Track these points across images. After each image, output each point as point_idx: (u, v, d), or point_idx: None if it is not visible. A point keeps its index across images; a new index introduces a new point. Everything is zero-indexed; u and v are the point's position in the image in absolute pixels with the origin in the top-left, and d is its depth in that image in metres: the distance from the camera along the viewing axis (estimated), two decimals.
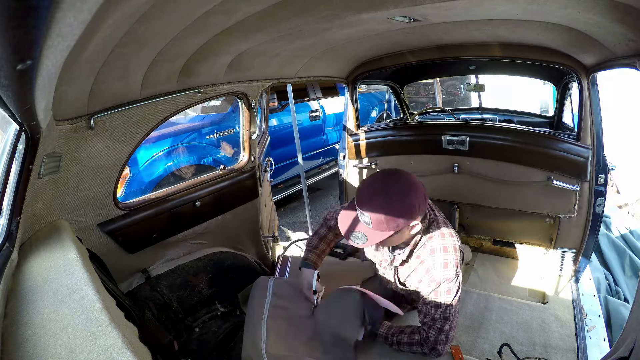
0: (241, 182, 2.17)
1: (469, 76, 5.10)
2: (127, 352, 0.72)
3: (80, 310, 0.83)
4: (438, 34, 1.88)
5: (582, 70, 1.93)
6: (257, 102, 2.12)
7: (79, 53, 0.80)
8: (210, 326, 1.77)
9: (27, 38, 0.48)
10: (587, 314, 1.92)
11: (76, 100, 1.17)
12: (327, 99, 5.42)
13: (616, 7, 1.02)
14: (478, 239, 2.68)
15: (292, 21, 1.28)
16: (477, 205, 2.52)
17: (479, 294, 2.10)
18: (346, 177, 2.93)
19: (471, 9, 1.34)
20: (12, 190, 1.02)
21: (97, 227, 1.50)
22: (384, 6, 1.20)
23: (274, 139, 4.17)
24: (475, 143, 2.35)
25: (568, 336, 1.74)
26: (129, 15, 0.85)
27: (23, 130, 0.93)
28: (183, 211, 1.86)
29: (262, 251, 2.42)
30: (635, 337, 0.93)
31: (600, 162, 2.04)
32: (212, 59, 1.51)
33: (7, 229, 1.04)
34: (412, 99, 7.78)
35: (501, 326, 1.82)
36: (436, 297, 1.34)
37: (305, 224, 3.90)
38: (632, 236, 3.52)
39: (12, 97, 0.66)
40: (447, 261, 1.34)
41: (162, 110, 1.56)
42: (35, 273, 0.98)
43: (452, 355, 1.48)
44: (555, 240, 2.29)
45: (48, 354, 0.73)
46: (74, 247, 1.11)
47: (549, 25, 1.49)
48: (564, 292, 2.14)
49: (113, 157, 1.45)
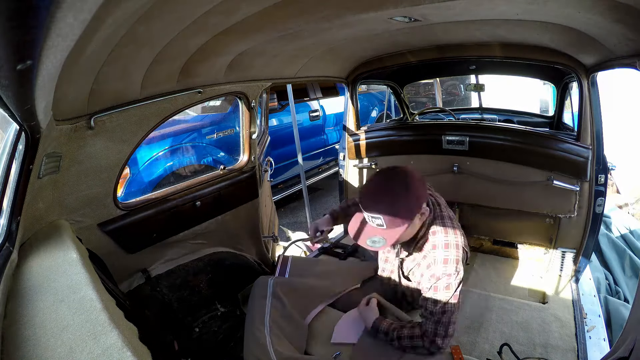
0: (241, 182, 2.17)
1: (469, 76, 5.10)
2: (127, 352, 0.72)
3: (80, 310, 0.83)
4: (438, 34, 1.88)
5: (582, 70, 1.93)
6: (257, 102, 2.12)
7: (79, 53, 0.80)
8: (210, 326, 1.77)
9: (27, 38, 0.48)
10: (587, 314, 1.92)
11: (76, 100, 1.17)
12: (327, 99, 5.42)
13: (616, 7, 1.02)
14: (478, 239, 2.68)
15: (292, 21, 1.28)
16: (477, 205, 2.52)
17: (479, 294, 2.10)
18: (346, 177, 2.93)
19: (471, 9, 1.34)
20: (12, 190, 1.02)
21: (97, 227, 1.50)
22: (384, 6, 1.20)
23: (274, 139, 4.17)
24: (475, 143, 2.35)
25: (568, 336, 1.74)
26: (129, 15, 0.85)
27: (23, 130, 0.93)
28: (183, 211, 1.86)
29: (262, 251, 2.42)
30: (635, 337, 0.93)
31: (600, 162, 2.04)
32: (212, 59, 1.51)
33: (7, 229, 1.04)
34: (412, 99, 7.78)
35: (501, 326, 1.82)
36: (435, 292, 1.36)
37: (305, 224, 3.90)
38: (632, 236, 3.52)
39: (12, 97, 0.66)
40: (448, 257, 1.36)
41: (162, 110, 1.56)
42: (35, 273, 0.98)
43: (452, 355, 1.48)
44: (555, 240, 2.29)
45: (48, 354, 0.73)
46: (74, 247, 1.11)
47: (549, 25, 1.49)
48: (564, 292, 2.14)
49: (113, 157, 1.45)
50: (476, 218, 2.59)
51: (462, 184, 2.46)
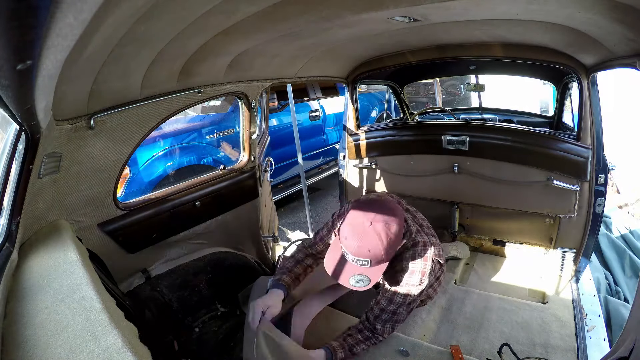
0: (241, 182, 2.17)
1: (469, 76, 5.10)
2: (127, 352, 0.72)
3: (80, 310, 0.83)
4: (438, 34, 1.88)
5: (582, 70, 1.93)
6: (257, 102, 2.12)
7: (79, 53, 0.80)
8: (210, 326, 1.77)
9: (27, 38, 0.48)
10: (587, 314, 1.92)
11: (76, 100, 1.17)
12: (327, 99, 5.42)
13: (616, 7, 1.02)
14: (478, 239, 2.69)
15: (292, 21, 1.28)
16: (477, 205, 2.52)
17: (479, 294, 2.10)
18: (346, 177, 2.93)
19: (471, 9, 1.34)
20: (12, 190, 1.02)
21: (97, 227, 1.50)
22: (384, 6, 1.20)
23: (274, 139, 4.17)
24: (475, 143, 2.35)
25: (568, 336, 1.74)
26: (129, 15, 0.85)
27: (23, 130, 0.93)
28: (183, 211, 1.86)
29: (262, 251, 2.42)
30: (635, 337, 0.93)
31: (600, 162, 2.04)
32: (212, 59, 1.51)
33: (7, 229, 1.04)
34: (412, 99, 7.77)
35: (501, 326, 1.82)
36: (394, 295, 1.46)
37: (305, 224, 3.90)
38: (632, 236, 3.52)
39: (12, 97, 0.66)
40: (415, 269, 1.46)
41: (162, 110, 1.56)
42: (35, 273, 0.98)
43: (452, 355, 1.49)
44: (555, 240, 2.29)
45: (48, 354, 0.73)
46: (74, 247, 1.11)
47: (549, 25, 1.49)
48: (564, 292, 2.14)
49: (113, 157, 1.45)
50: (476, 218, 2.59)
51: (462, 184, 2.46)
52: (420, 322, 1.81)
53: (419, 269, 1.45)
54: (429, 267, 1.46)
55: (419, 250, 1.48)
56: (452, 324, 1.85)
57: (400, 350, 1.52)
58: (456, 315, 1.90)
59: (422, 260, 1.46)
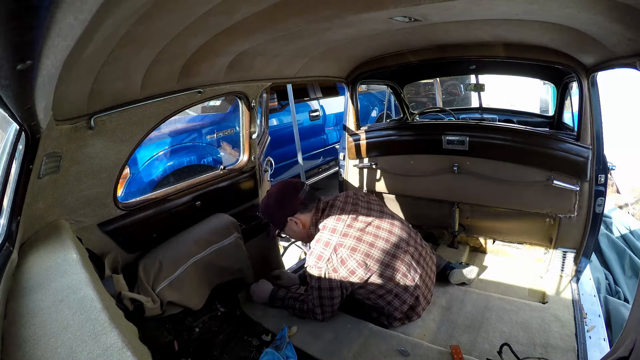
0: (241, 182, 2.17)
1: (469, 76, 5.10)
2: (127, 352, 0.72)
3: (80, 310, 0.83)
4: (438, 34, 1.88)
5: (582, 70, 1.93)
6: (257, 102, 2.12)
7: (79, 53, 0.79)
8: (210, 326, 1.77)
9: (27, 38, 0.48)
10: (587, 314, 1.91)
11: (76, 100, 1.17)
12: (327, 99, 5.42)
13: (616, 7, 1.02)
14: (478, 239, 2.69)
15: (292, 21, 1.28)
16: (477, 205, 2.52)
17: (479, 294, 2.10)
18: (346, 177, 2.93)
19: (471, 9, 1.33)
20: (12, 190, 1.02)
21: (97, 227, 1.50)
22: (384, 6, 1.20)
23: (274, 139, 4.16)
24: (475, 143, 2.35)
25: (568, 336, 1.73)
26: (129, 15, 0.84)
27: (23, 130, 0.93)
28: (183, 211, 1.86)
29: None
30: (635, 337, 0.93)
31: (600, 162, 2.03)
32: (212, 59, 1.51)
33: (7, 229, 1.04)
34: (412, 99, 7.77)
35: (501, 326, 1.82)
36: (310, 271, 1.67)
37: None
38: (632, 236, 3.52)
39: (12, 97, 0.66)
40: (313, 251, 1.66)
41: (162, 110, 1.56)
42: (35, 273, 0.98)
43: (452, 355, 1.49)
44: (555, 240, 2.28)
45: (48, 354, 0.73)
46: (74, 247, 1.11)
47: (549, 25, 1.49)
48: (564, 292, 2.14)
49: (113, 157, 1.45)
50: (476, 218, 2.59)
51: (462, 184, 2.46)
52: (420, 322, 1.81)
53: (316, 252, 1.64)
54: (327, 253, 1.62)
55: (324, 234, 1.67)
56: (452, 324, 1.85)
57: (400, 350, 1.52)
58: (456, 315, 1.90)
59: (322, 244, 1.64)
